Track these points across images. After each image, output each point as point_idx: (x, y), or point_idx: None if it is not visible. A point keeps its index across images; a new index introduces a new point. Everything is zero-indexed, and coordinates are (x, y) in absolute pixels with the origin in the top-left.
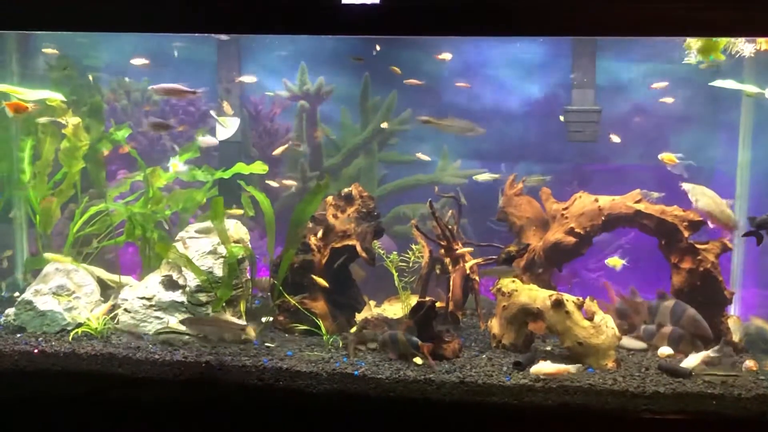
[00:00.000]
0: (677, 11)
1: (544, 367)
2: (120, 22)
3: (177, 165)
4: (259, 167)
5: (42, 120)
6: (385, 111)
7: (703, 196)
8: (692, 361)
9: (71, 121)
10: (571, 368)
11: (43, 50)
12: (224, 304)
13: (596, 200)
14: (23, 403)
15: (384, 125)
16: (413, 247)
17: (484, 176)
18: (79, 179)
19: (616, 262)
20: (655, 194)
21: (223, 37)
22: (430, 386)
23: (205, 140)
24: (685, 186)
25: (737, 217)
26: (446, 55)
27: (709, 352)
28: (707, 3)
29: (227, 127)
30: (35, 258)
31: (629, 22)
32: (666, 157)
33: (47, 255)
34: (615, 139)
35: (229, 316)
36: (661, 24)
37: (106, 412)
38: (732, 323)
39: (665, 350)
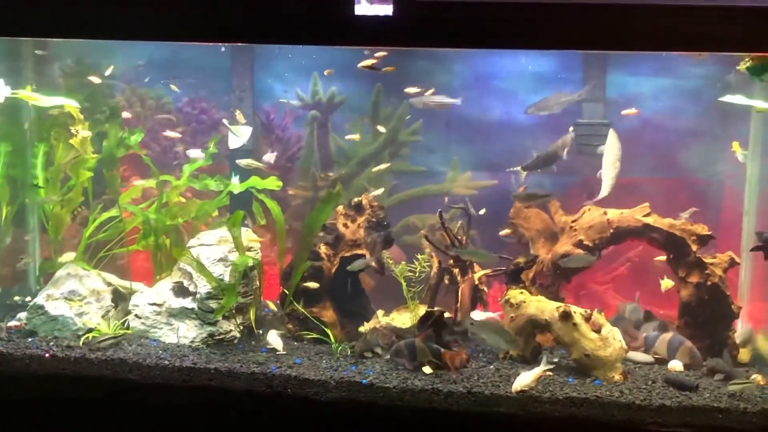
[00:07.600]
0: (692, 26)
1: (524, 380)
2: (135, 30)
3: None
4: (273, 183)
5: (54, 111)
6: (397, 121)
7: None
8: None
9: (81, 133)
10: (543, 366)
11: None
12: (233, 311)
13: (605, 213)
14: (34, 407)
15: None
16: (418, 256)
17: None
18: (91, 186)
19: (667, 284)
20: None
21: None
22: (438, 396)
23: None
24: None
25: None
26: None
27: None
28: (722, 18)
29: (239, 135)
30: (48, 262)
31: (643, 36)
32: None
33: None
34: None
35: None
36: (675, 39)
37: (116, 417)
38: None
39: (675, 364)
